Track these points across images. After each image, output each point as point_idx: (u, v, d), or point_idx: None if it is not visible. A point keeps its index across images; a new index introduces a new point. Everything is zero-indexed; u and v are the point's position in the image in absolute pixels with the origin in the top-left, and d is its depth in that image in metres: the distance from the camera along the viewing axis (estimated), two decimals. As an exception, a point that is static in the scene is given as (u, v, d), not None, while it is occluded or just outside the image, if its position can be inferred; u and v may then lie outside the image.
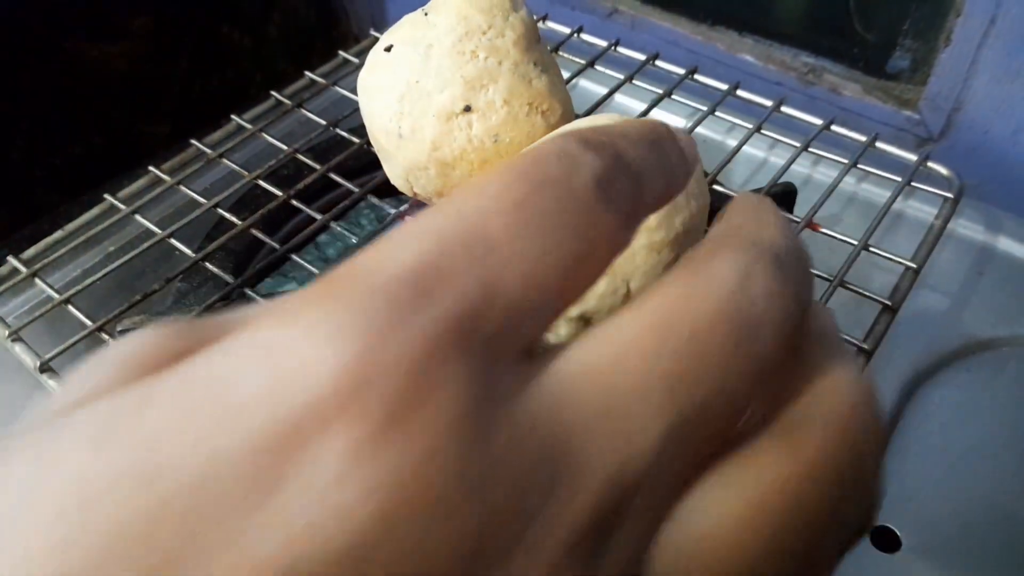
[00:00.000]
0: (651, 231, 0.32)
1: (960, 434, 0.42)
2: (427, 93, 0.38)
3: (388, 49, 0.40)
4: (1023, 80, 0.52)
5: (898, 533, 0.38)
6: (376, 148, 0.41)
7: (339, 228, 0.44)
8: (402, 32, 0.41)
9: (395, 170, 0.41)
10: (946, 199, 0.44)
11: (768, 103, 0.50)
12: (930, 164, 0.46)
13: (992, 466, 0.41)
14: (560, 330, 0.34)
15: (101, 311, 0.40)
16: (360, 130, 0.46)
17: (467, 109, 0.38)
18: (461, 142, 0.39)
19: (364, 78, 0.41)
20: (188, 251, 0.43)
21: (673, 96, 0.52)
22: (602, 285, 0.32)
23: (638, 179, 0.16)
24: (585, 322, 0.34)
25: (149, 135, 0.40)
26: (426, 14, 0.40)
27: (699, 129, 0.49)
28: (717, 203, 0.46)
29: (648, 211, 0.17)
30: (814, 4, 0.62)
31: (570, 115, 0.42)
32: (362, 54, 0.56)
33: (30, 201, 0.71)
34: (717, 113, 0.50)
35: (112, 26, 0.74)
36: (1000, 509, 0.39)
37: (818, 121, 0.49)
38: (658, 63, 0.54)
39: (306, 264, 0.42)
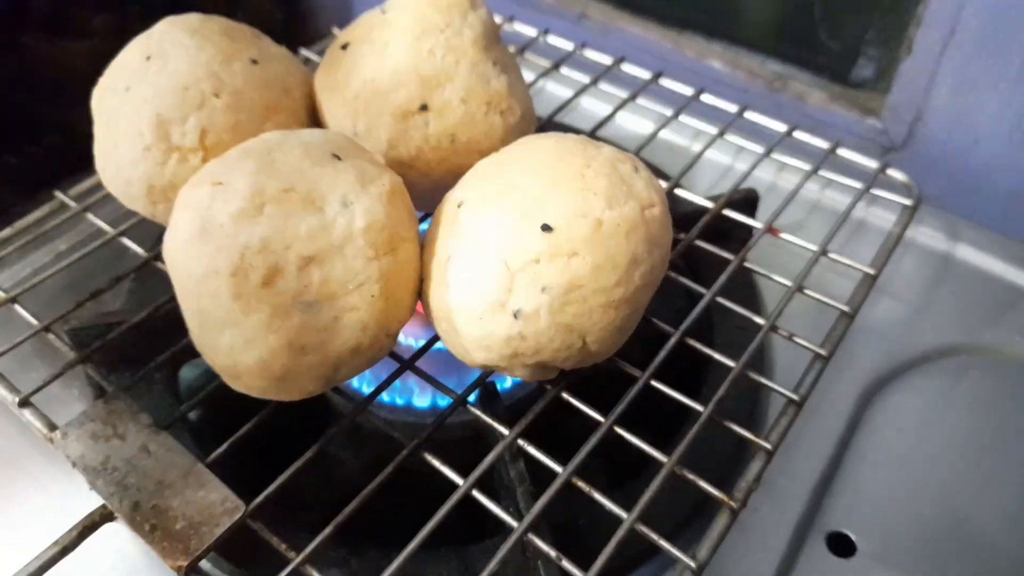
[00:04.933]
0: (609, 290, 0.31)
1: (917, 440, 0.42)
2: (383, 92, 0.38)
3: (344, 48, 0.40)
4: (981, 91, 0.53)
5: (853, 539, 0.38)
6: None
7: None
8: (359, 30, 0.40)
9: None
10: (905, 207, 0.45)
11: (733, 108, 0.50)
12: (890, 172, 0.47)
13: (948, 472, 0.41)
14: (516, 372, 0.34)
15: (50, 311, 0.39)
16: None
17: (423, 108, 0.38)
18: (417, 141, 0.38)
19: (320, 77, 0.41)
20: (140, 250, 0.42)
21: (638, 100, 0.51)
22: (557, 340, 0.31)
23: None
24: (542, 368, 0.34)
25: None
26: (384, 12, 0.40)
27: (663, 134, 0.49)
28: (681, 209, 0.46)
29: None
30: (781, 13, 0.62)
31: (531, 116, 0.42)
32: (324, 52, 0.55)
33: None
34: (682, 118, 0.50)
35: (73, 24, 0.73)
36: (955, 515, 0.39)
37: (781, 128, 0.49)
38: (624, 67, 0.54)
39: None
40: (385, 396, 0.40)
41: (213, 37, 0.39)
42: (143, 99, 0.37)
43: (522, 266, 0.31)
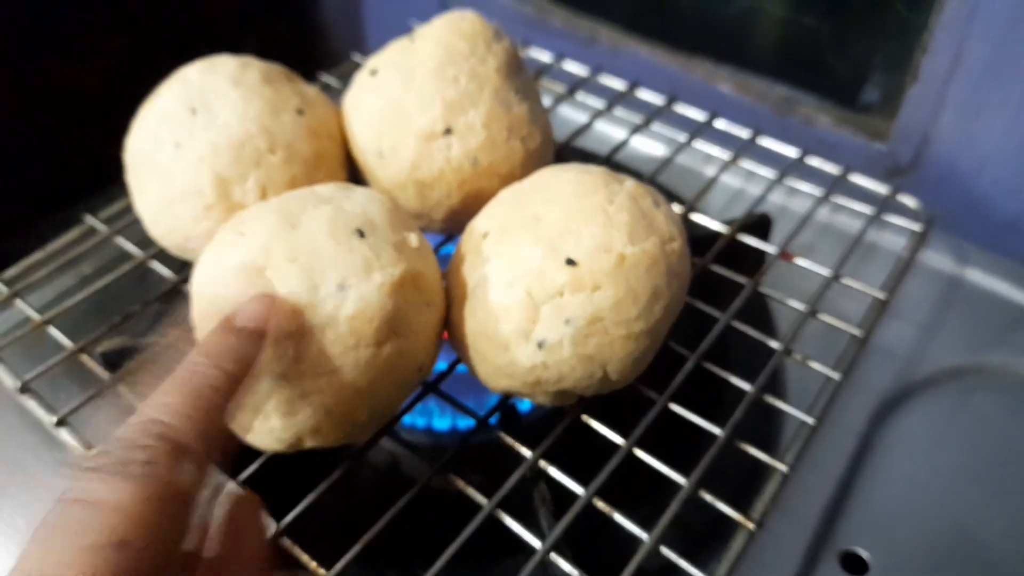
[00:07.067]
0: (630, 322, 0.32)
1: (927, 460, 0.43)
2: (408, 114, 0.39)
3: (373, 73, 0.41)
4: (987, 116, 0.54)
5: (866, 557, 0.39)
6: (359, 167, 0.42)
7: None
8: (387, 56, 0.41)
9: (377, 190, 0.42)
10: (914, 232, 0.46)
11: (744, 134, 0.51)
12: (900, 197, 0.48)
13: (958, 491, 0.42)
14: (537, 398, 0.35)
15: (77, 332, 0.40)
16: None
17: (447, 131, 0.39)
18: (440, 163, 0.39)
19: (349, 99, 0.42)
20: (169, 273, 0.43)
21: (653, 125, 0.53)
22: (579, 370, 0.32)
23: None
24: (563, 395, 0.35)
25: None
26: (412, 40, 0.41)
27: (677, 158, 0.50)
28: (696, 233, 0.47)
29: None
30: (789, 37, 0.63)
31: (550, 142, 0.43)
32: (343, 77, 0.56)
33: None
34: (695, 143, 0.51)
35: (86, 45, 0.74)
36: (965, 533, 0.40)
37: (793, 152, 0.50)
38: (637, 92, 0.55)
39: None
40: (407, 417, 0.41)
41: (256, 87, 0.39)
42: (198, 157, 0.37)
43: (546, 298, 0.31)
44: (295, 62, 0.44)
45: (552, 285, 0.31)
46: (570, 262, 0.31)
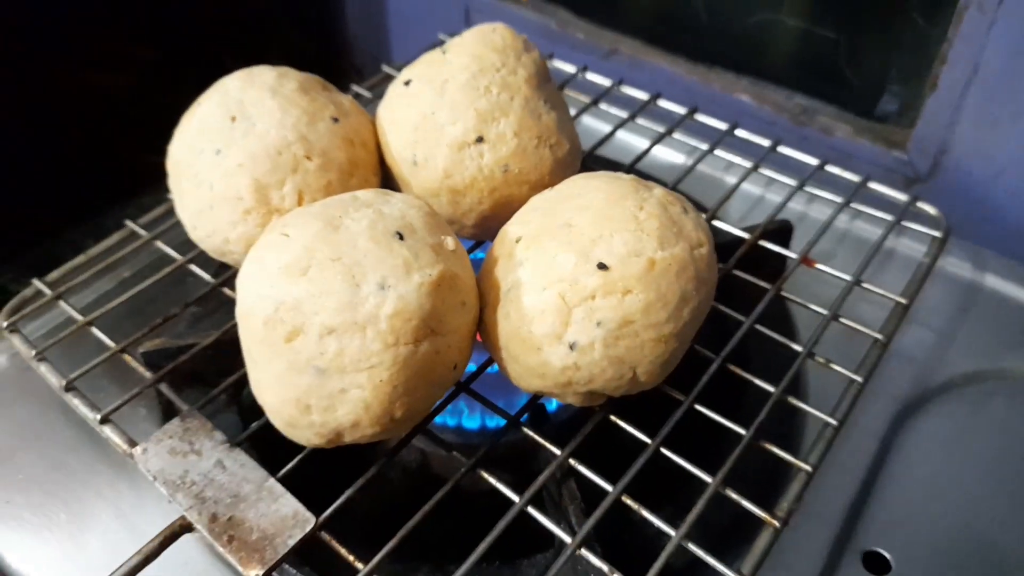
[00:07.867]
0: (659, 325, 0.33)
1: (947, 463, 0.44)
2: (441, 124, 0.40)
3: (407, 84, 0.42)
4: (1003, 124, 0.55)
5: (888, 557, 0.40)
6: (394, 175, 0.43)
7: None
8: (420, 68, 0.43)
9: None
10: (934, 238, 0.46)
11: (765, 143, 0.52)
12: (919, 204, 0.48)
13: (977, 493, 0.43)
14: (568, 398, 0.36)
15: (118, 333, 0.41)
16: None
17: (479, 140, 0.40)
18: (472, 171, 0.40)
19: (383, 110, 0.43)
20: (207, 276, 0.44)
21: (674, 135, 0.54)
22: (610, 371, 0.33)
23: None
24: (592, 395, 0.36)
25: (157, 163, 0.42)
26: (444, 52, 0.42)
27: (698, 167, 0.51)
28: (718, 240, 0.47)
29: None
30: (807, 48, 0.64)
31: (577, 151, 0.44)
32: (373, 88, 0.58)
33: (32, 225, 0.72)
34: (716, 152, 0.52)
35: (117, 57, 0.76)
36: (984, 534, 0.41)
37: (813, 161, 0.51)
38: (659, 103, 0.56)
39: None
40: (438, 417, 0.42)
41: (293, 96, 0.41)
42: (237, 163, 0.39)
43: (579, 301, 0.32)
44: (320, 73, 0.45)
45: (584, 289, 0.32)
46: (602, 267, 0.33)
